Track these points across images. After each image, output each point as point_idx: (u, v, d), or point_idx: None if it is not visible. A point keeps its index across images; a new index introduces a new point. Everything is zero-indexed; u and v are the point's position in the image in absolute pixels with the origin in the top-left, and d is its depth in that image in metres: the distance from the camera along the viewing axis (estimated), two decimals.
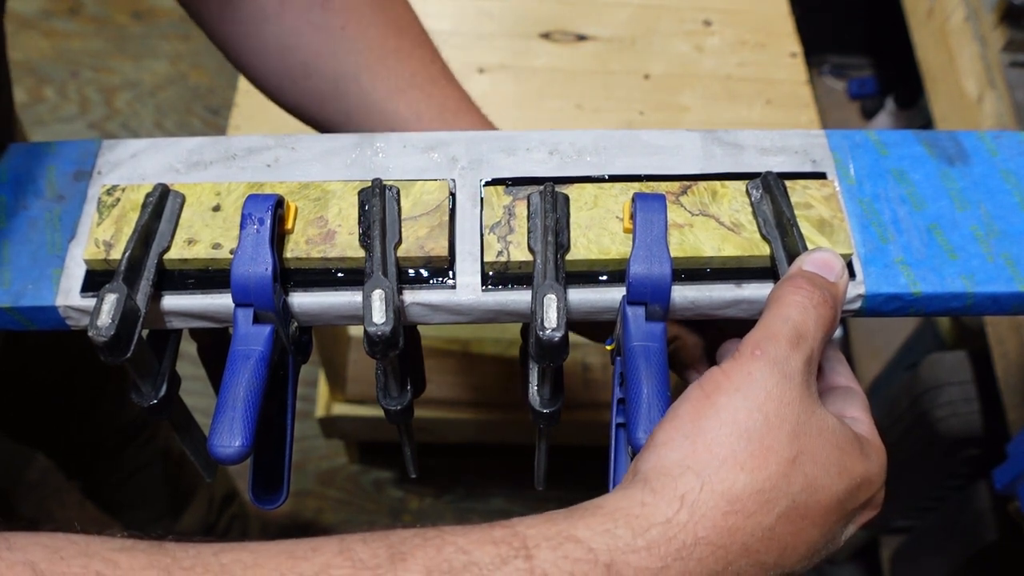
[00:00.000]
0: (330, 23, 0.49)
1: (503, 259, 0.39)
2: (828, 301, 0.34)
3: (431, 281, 0.39)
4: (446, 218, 0.40)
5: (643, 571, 0.29)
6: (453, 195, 0.41)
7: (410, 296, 0.39)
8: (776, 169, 0.42)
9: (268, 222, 0.37)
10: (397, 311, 0.36)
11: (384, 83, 0.49)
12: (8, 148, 0.43)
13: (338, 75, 0.49)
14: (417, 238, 0.39)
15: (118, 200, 0.40)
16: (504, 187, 0.41)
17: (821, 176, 0.42)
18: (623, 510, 0.30)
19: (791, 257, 0.38)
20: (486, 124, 0.51)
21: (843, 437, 0.33)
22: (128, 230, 0.39)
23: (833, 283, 0.35)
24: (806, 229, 0.39)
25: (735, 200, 0.41)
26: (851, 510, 0.33)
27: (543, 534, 0.29)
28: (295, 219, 0.40)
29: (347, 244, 0.39)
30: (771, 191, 0.40)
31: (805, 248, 0.37)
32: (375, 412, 1.23)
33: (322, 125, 0.52)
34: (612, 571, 0.28)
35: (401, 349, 0.36)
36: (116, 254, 0.39)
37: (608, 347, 0.41)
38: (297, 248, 0.39)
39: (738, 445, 0.31)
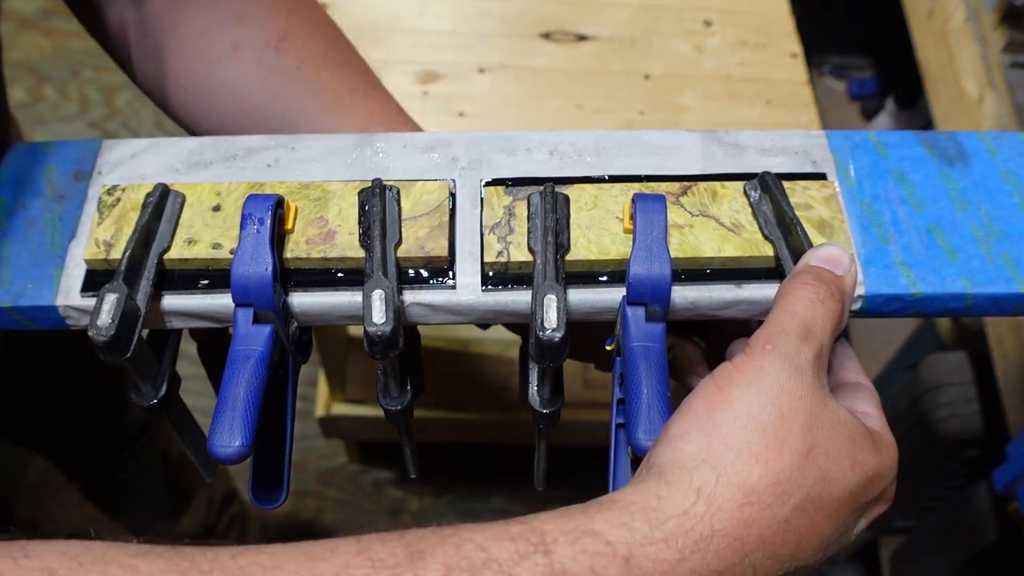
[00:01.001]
0: (285, 64, 0.48)
1: (503, 259, 0.39)
2: (835, 295, 0.35)
3: (431, 281, 0.39)
4: (446, 218, 0.40)
5: (661, 563, 0.29)
6: (453, 195, 0.41)
7: (410, 296, 0.39)
8: (776, 170, 0.42)
9: (268, 222, 0.37)
10: (397, 311, 0.36)
11: (344, 123, 0.48)
12: (8, 148, 0.43)
13: (297, 117, 0.48)
14: (417, 238, 0.39)
15: (118, 200, 0.40)
16: (504, 187, 0.41)
17: (821, 177, 0.42)
18: (639, 503, 0.30)
19: (796, 255, 0.38)
20: None
21: (855, 430, 0.33)
22: (128, 230, 0.39)
23: (840, 277, 0.36)
24: (806, 230, 0.39)
25: (735, 201, 0.41)
26: (863, 504, 0.33)
27: (560, 529, 0.29)
28: (295, 219, 0.40)
29: (347, 244, 0.39)
30: (769, 191, 0.40)
31: (810, 245, 0.38)
32: (375, 412, 1.23)
33: None
34: (631, 564, 0.28)
35: (401, 349, 0.36)
36: (116, 254, 0.39)
37: (608, 347, 0.41)
38: (297, 248, 0.39)
39: (753, 438, 0.31)
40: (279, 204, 0.38)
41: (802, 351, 0.33)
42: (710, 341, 0.47)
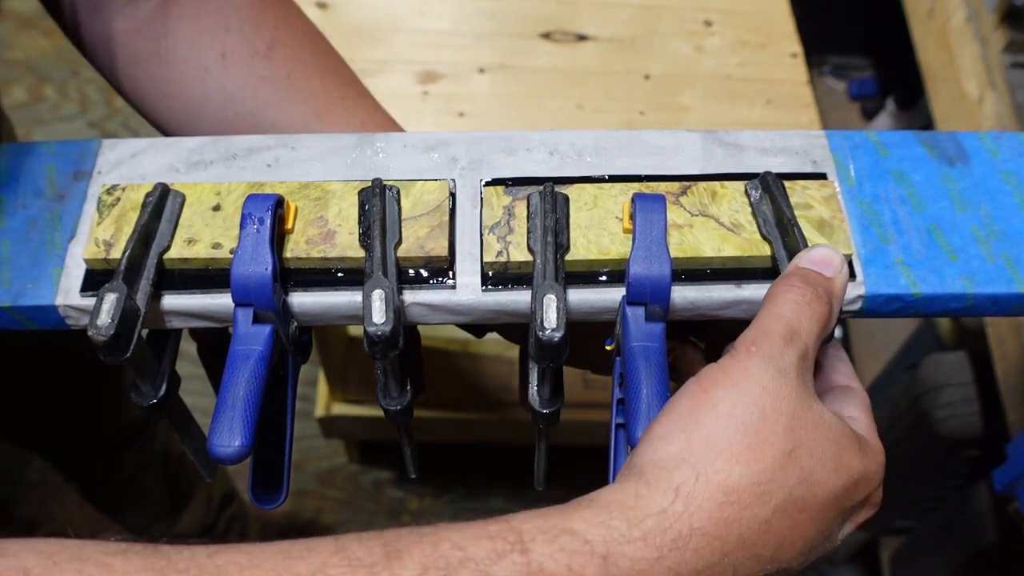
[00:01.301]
0: (274, 73, 0.49)
1: (503, 259, 0.39)
2: (822, 297, 0.35)
3: (431, 281, 0.39)
4: (446, 218, 0.40)
5: (639, 561, 0.29)
6: (453, 195, 0.41)
7: (410, 296, 0.39)
8: (776, 170, 0.42)
9: (268, 222, 0.37)
10: (397, 311, 0.36)
11: (335, 131, 0.48)
12: (7, 147, 0.43)
13: (287, 125, 0.48)
14: (417, 238, 0.39)
15: (118, 200, 0.40)
16: (504, 187, 0.41)
17: (821, 177, 0.42)
18: (618, 502, 0.30)
19: (792, 255, 0.38)
20: None
21: (840, 433, 0.33)
22: (128, 229, 0.39)
23: (828, 279, 0.36)
24: (806, 230, 0.39)
25: (735, 200, 0.41)
26: (848, 508, 0.33)
27: (539, 528, 0.29)
28: (295, 219, 0.40)
29: (347, 244, 0.39)
30: (770, 191, 0.40)
31: (806, 246, 0.37)
32: (375, 412, 1.23)
33: None
34: (608, 562, 0.28)
35: (401, 349, 0.36)
36: (116, 253, 0.39)
37: (608, 347, 0.41)
38: (297, 248, 0.39)
39: (734, 438, 0.31)
40: (279, 204, 0.38)
41: (786, 353, 0.33)
42: (709, 342, 0.47)
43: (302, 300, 0.39)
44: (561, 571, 0.28)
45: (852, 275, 0.39)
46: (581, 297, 0.39)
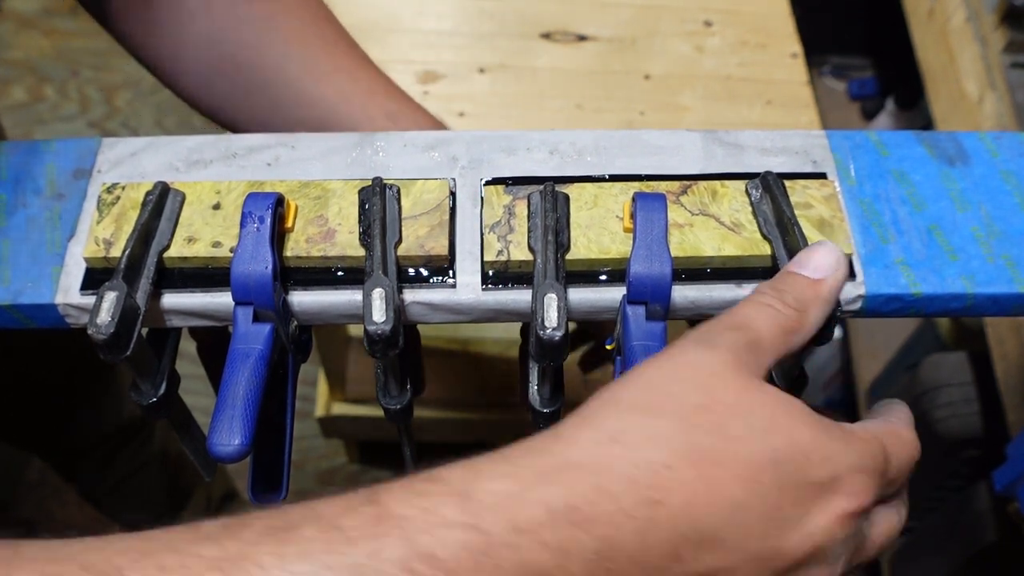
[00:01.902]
0: (255, 15, 0.50)
1: (503, 258, 0.39)
2: (789, 304, 0.34)
3: (431, 280, 0.39)
4: (446, 217, 0.40)
5: (502, 495, 0.27)
6: (453, 194, 0.41)
7: (410, 295, 0.39)
8: (777, 169, 0.42)
9: (268, 220, 0.37)
10: (397, 310, 0.36)
11: (311, 70, 0.49)
12: (6, 146, 0.43)
13: (266, 66, 0.50)
14: (417, 237, 0.39)
15: (118, 198, 0.40)
16: (504, 186, 0.41)
17: (821, 176, 0.42)
18: (497, 453, 0.30)
19: (792, 255, 0.38)
20: (420, 110, 0.51)
21: (789, 404, 0.31)
22: (128, 228, 0.39)
23: (815, 281, 0.35)
24: (806, 229, 0.39)
25: (735, 200, 0.41)
26: (803, 484, 0.30)
27: (400, 484, 0.28)
28: (295, 218, 0.40)
29: (347, 243, 0.39)
30: (771, 190, 0.40)
31: (806, 244, 0.37)
32: (375, 412, 1.23)
33: (247, 119, 0.52)
34: (469, 499, 0.27)
35: (401, 348, 0.36)
36: (116, 252, 0.39)
37: (608, 347, 0.41)
38: (297, 247, 0.39)
39: (635, 394, 0.30)
40: (279, 202, 0.38)
41: (723, 334, 0.32)
42: None
43: (302, 299, 0.39)
44: (414, 513, 0.27)
45: (852, 275, 0.39)
46: (581, 296, 0.39)
